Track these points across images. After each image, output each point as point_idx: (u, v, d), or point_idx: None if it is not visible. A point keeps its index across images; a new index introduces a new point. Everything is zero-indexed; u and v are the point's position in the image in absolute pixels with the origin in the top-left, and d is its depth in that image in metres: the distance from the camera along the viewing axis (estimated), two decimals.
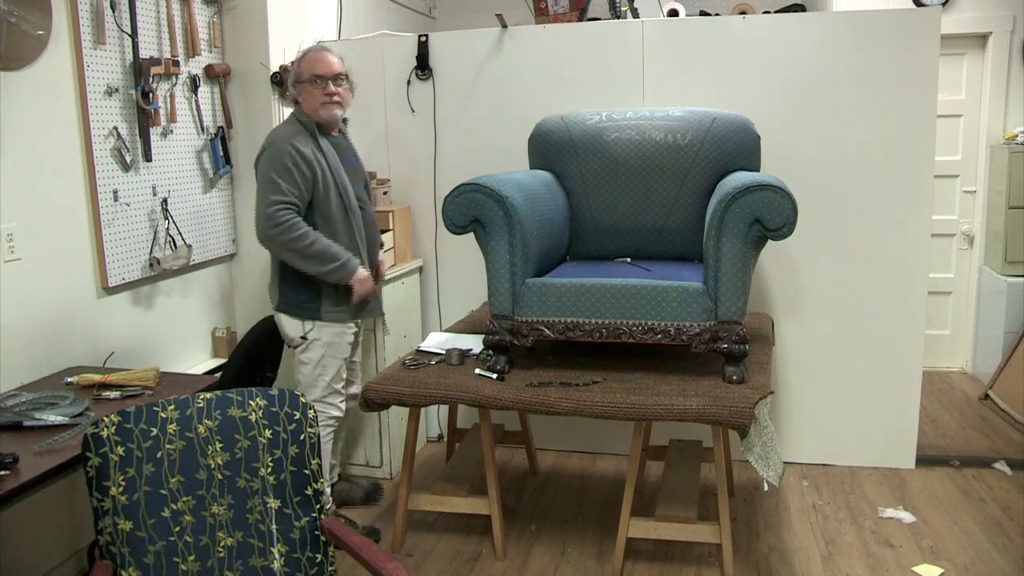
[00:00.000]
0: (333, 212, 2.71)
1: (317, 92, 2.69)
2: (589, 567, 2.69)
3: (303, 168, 2.62)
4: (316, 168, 2.65)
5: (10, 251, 2.42)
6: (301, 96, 2.73)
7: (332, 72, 2.71)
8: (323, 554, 1.84)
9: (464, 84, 3.55)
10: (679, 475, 2.84)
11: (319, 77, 2.69)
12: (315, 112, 2.70)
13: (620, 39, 3.37)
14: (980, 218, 4.56)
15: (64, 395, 2.23)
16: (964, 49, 4.45)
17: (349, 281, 2.71)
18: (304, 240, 2.61)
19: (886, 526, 2.92)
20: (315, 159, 2.65)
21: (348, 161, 2.83)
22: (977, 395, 4.26)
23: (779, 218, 2.38)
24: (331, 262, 2.66)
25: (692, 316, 2.46)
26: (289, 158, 2.60)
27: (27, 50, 2.45)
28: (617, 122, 3.03)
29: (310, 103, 2.71)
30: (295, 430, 1.86)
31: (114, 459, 1.67)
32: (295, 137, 2.65)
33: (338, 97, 2.72)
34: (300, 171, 2.61)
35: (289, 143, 2.62)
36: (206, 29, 3.26)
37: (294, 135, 2.66)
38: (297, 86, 2.74)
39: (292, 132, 2.68)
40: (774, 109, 3.23)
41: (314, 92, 2.69)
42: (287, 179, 2.59)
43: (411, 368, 2.73)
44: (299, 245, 2.61)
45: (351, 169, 2.83)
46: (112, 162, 2.80)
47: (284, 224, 2.58)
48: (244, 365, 2.77)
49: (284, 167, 2.59)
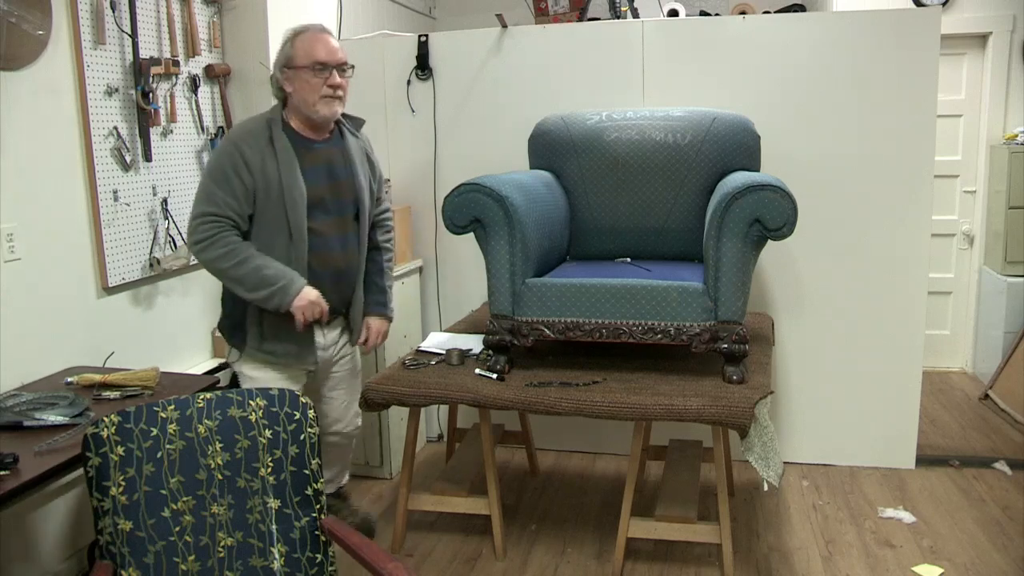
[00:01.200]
0: (269, 235, 2.31)
1: (318, 82, 2.28)
2: (589, 567, 2.69)
3: (244, 176, 2.25)
4: (259, 178, 2.27)
5: (10, 251, 2.42)
6: (293, 85, 2.30)
7: (337, 60, 2.31)
8: (323, 554, 1.84)
9: (464, 84, 3.55)
10: (679, 475, 2.84)
11: (322, 64, 2.28)
12: (311, 107, 2.31)
13: (620, 39, 3.37)
14: (980, 218, 4.56)
15: (64, 395, 2.23)
16: (964, 49, 4.45)
17: (288, 306, 2.27)
18: (229, 259, 2.24)
19: (886, 526, 2.92)
20: (262, 166, 2.27)
21: (334, 172, 2.40)
22: (977, 395, 4.26)
23: (779, 218, 2.38)
24: (264, 287, 2.25)
25: (692, 316, 2.46)
26: (230, 163, 2.25)
27: (27, 50, 2.45)
28: (617, 122, 3.03)
29: (305, 95, 2.30)
30: (295, 430, 1.86)
31: (114, 459, 1.67)
32: (247, 137, 2.29)
33: (342, 91, 2.34)
34: (240, 179, 2.25)
35: (235, 144, 2.27)
36: (206, 29, 3.26)
37: (247, 135, 2.30)
38: (287, 72, 2.30)
39: (248, 130, 2.32)
40: (774, 109, 3.23)
41: (313, 82, 2.28)
42: (223, 188, 2.25)
43: (411, 368, 2.73)
44: (223, 265, 2.25)
45: (333, 183, 2.39)
46: (112, 162, 2.80)
47: (206, 240, 2.25)
48: None
49: (223, 173, 2.26)
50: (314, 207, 2.33)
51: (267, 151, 2.27)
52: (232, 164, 2.25)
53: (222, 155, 2.28)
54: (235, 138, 2.30)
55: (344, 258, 2.45)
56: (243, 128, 2.34)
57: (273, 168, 2.27)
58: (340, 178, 2.41)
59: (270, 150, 2.28)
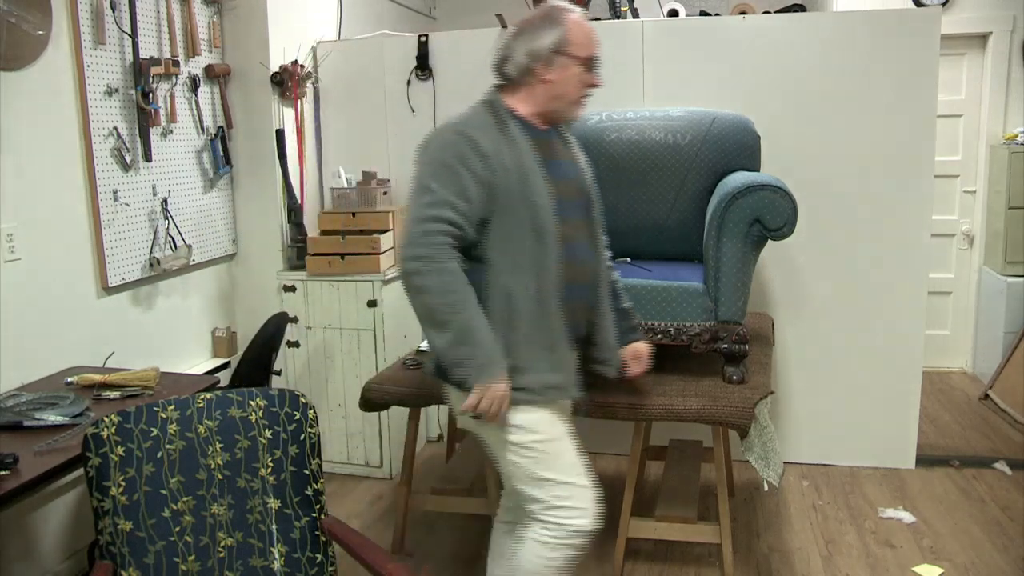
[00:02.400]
0: (519, 237, 1.83)
1: (587, 79, 1.91)
2: (589, 567, 2.69)
3: (478, 171, 1.78)
4: (499, 172, 1.81)
5: (10, 251, 2.42)
6: (556, 73, 1.86)
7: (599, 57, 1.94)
8: (323, 554, 1.84)
9: (464, 84, 3.54)
10: (679, 475, 2.84)
11: (595, 61, 1.91)
12: (568, 103, 1.92)
13: (620, 39, 3.36)
14: (980, 218, 4.56)
15: (64, 395, 2.23)
16: (964, 49, 4.45)
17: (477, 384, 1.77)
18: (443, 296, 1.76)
19: (886, 526, 2.92)
20: (499, 158, 1.81)
21: (566, 167, 1.97)
22: (977, 395, 4.26)
23: (779, 218, 2.38)
24: (463, 345, 1.76)
25: (692, 316, 2.46)
26: (459, 155, 1.79)
27: (27, 50, 2.45)
28: (617, 122, 3.03)
29: (567, 89, 1.89)
30: (295, 430, 1.86)
31: (114, 459, 1.67)
32: (476, 124, 1.85)
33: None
34: (474, 176, 1.78)
35: (462, 133, 1.82)
36: (206, 29, 3.26)
37: (474, 121, 1.87)
38: (557, 58, 1.85)
39: (471, 117, 1.88)
40: (774, 109, 3.23)
41: (583, 78, 1.90)
42: (451, 187, 1.77)
43: (411, 368, 2.73)
44: (432, 300, 1.76)
45: (563, 180, 1.93)
46: (112, 162, 2.80)
47: (425, 259, 1.75)
48: (258, 360, 2.76)
49: (450, 169, 1.78)
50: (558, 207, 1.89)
51: (501, 140, 1.84)
52: (461, 157, 1.79)
53: (447, 147, 1.82)
54: (460, 126, 1.85)
55: (594, 270, 2.02)
56: (464, 117, 1.90)
57: (512, 159, 1.83)
58: (571, 175, 1.99)
59: (503, 139, 1.84)
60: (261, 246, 3.50)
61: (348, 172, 3.56)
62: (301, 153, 3.56)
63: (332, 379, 3.40)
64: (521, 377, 1.83)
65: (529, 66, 1.87)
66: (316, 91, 3.66)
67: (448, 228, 1.76)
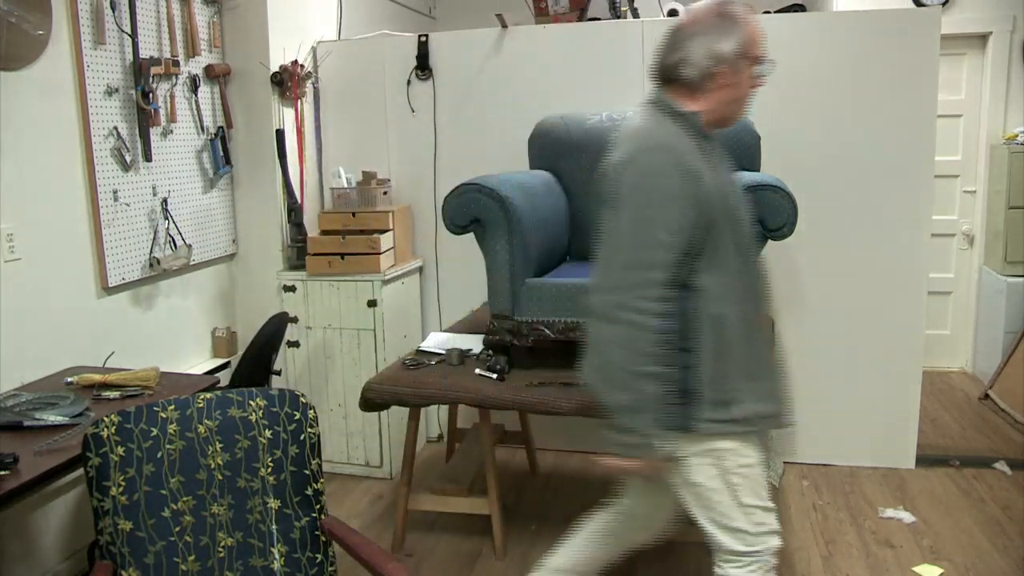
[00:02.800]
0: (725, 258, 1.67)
1: (757, 79, 1.73)
2: None
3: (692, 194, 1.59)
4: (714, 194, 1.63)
5: (10, 251, 2.42)
6: (736, 76, 1.68)
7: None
8: (323, 554, 1.84)
9: (464, 84, 3.55)
10: None
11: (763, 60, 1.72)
12: (739, 107, 1.75)
13: (620, 39, 3.36)
14: (980, 218, 4.56)
15: (64, 395, 2.23)
16: (964, 49, 4.45)
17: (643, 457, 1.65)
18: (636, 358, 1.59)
19: (886, 526, 2.92)
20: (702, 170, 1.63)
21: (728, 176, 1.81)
22: (977, 395, 4.26)
23: (779, 218, 2.37)
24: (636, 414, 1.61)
25: None
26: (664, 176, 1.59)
27: (27, 50, 2.45)
28: (617, 122, 3.03)
29: (743, 93, 1.72)
30: (295, 430, 1.86)
31: (114, 459, 1.67)
32: (671, 136, 1.65)
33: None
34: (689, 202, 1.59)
35: (667, 149, 1.62)
36: (206, 29, 3.26)
37: (671, 133, 1.66)
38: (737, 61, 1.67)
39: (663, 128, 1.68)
40: (774, 109, 3.22)
41: (756, 81, 1.73)
42: (666, 220, 1.58)
43: (411, 368, 2.73)
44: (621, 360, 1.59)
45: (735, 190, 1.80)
46: (112, 162, 2.80)
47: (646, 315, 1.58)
48: (259, 359, 2.76)
49: (658, 194, 1.59)
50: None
51: (697, 152, 1.66)
52: (670, 180, 1.59)
53: (653, 169, 1.60)
54: (659, 140, 1.65)
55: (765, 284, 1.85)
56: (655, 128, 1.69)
57: (710, 172, 1.64)
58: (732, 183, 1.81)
59: (699, 150, 1.66)
60: (261, 246, 3.50)
61: (348, 172, 3.56)
62: (301, 153, 3.56)
63: (332, 379, 3.40)
64: (729, 410, 1.69)
65: (711, 69, 1.67)
66: (316, 91, 3.66)
67: (659, 276, 1.59)
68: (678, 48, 1.69)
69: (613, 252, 1.63)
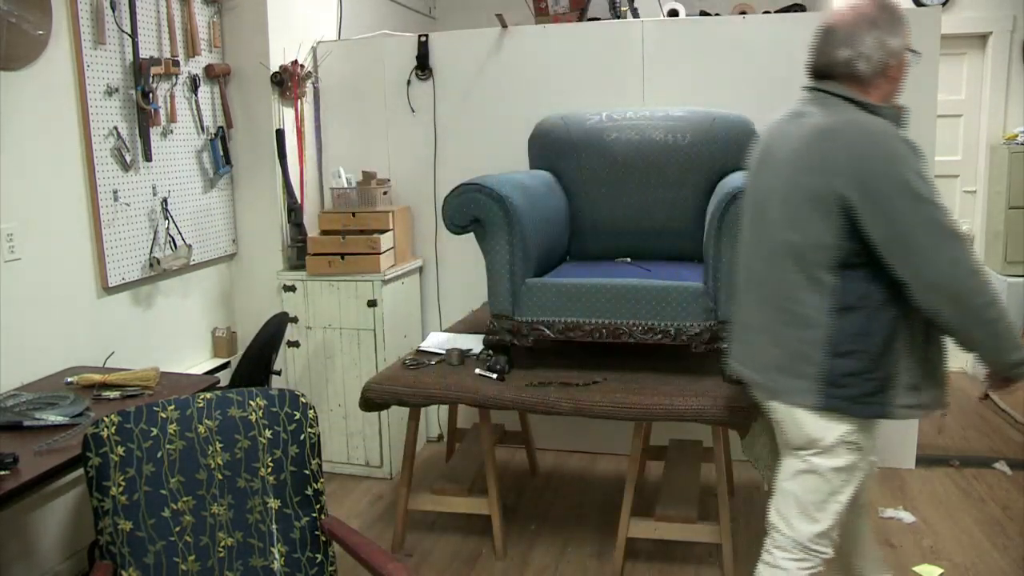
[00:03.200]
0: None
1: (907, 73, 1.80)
2: (589, 567, 2.69)
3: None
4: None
5: (10, 251, 2.42)
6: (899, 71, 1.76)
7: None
8: (323, 554, 1.84)
9: (464, 84, 3.55)
10: (679, 475, 2.84)
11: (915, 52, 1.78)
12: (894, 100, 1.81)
13: (620, 39, 3.36)
14: (980, 218, 4.56)
15: (64, 395, 2.23)
16: (964, 49, 4.45)
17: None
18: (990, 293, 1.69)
19: (886, 526, 2.91)
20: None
21: None
22: (977, 395, 4.26)
23: None
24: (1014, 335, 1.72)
25: (692, 316, 2.46)
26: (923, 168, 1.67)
27: (27, 50, 2.45)
28: (617, 122, 3.03)
29: (897, 86, 1.79)
30: (295, 430, 1.86)
31: (114, 459, 1.67)
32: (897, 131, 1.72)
33: None
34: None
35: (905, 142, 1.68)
36: (206, 29, 3.26)
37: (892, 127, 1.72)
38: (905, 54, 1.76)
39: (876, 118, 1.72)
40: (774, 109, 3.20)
41: (906, 73, 1.79)
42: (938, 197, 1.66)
43: (411, 368, 2.73)
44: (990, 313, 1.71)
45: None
46: (112, 162, 2.80)
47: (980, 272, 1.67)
48: (259, 359, 2.76)
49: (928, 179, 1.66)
50: None
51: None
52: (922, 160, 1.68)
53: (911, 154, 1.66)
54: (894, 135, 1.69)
55: None
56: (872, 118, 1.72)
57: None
58: None
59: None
60: (261, 246, 3.49)
61: (348, 172, 3.56)
62: (301, 153, 3.56)
63: (332, 379, 3.40)
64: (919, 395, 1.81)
65: (884, 62, 1.74)
66: (316, 91, 3.66)
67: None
68: (849, 43, 1.74)
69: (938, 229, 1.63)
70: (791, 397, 1.78)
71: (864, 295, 1.70)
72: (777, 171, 1.80)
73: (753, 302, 1.88)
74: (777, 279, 1.78)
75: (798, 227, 1.72)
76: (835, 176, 1.65)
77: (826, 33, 1.80)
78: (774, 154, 1.84)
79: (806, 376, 1.74)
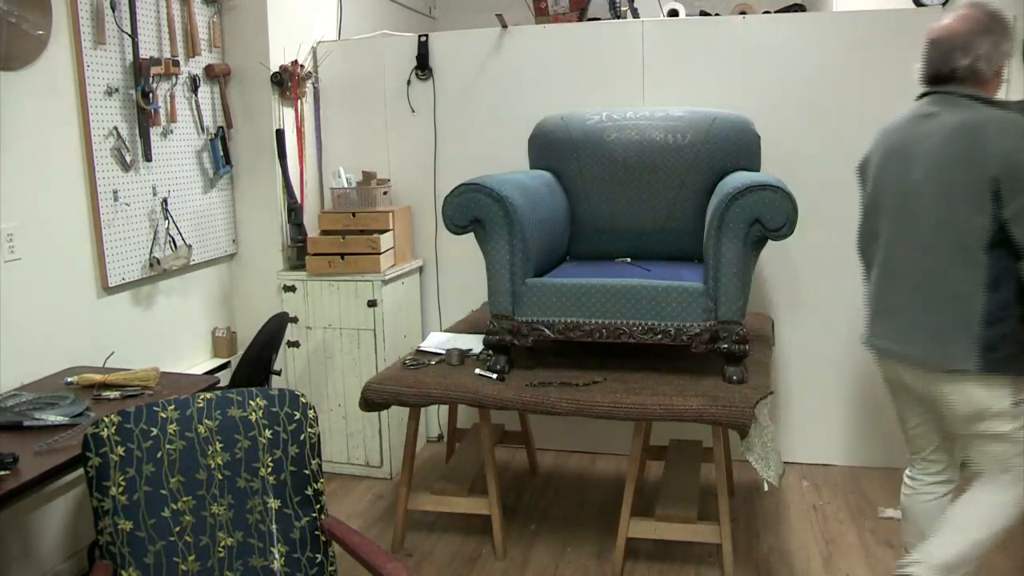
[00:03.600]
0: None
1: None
2: (589, 567, 2.69)
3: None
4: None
5: (10, 251, 2.42)
6: (1003, 71, 2.01)
7: None
8: (323, 554, 1.84)
9: (464, 84, 3.55)
10: (679, 475, 2.84)
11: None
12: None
13: (620, 39, 3.37)
14: None
15: (64, 395, 2.23)
16: None
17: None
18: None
19: (886, 526, 2.91)
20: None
21: None
22: None
23: (779, 218, 2.38)
24: None
25: (692, 316, 2.46)
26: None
27: (27, 50, 2.45)
28: (617, 122, 3.03)
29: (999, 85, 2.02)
30: (295, 430, 1.86)
31: (114, 459, 1.67)
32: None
33: None
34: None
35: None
36: (206, 29, 3.26)
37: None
38: (1006, 59, 2.00)
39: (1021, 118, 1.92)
40: (774, 109, 3.23)
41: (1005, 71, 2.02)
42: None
43: (411, 368, 2.73)
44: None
45: None
46: (112, 162, 2.80)
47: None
48: (259, 359, 2.76)
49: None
50: None
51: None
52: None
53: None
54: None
55: None
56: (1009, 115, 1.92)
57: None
58: None
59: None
60: (261, 246, 3.50)
61: (348, 172, 3.56)
62: (301, 153, 3.56)
63: (332, 379, 3.40)
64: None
65: (999, 64, 1.97)
66: (316, 91, 3.67)
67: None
68: (970, 48, 1.95)
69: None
70: (954, 363, 1.96)
71: (1006, 269, 1.90)
72: (923, 165, 1.98)
73: (905, 288, 2.05)
74: (933, 261, 1.97)
75: (955, 212, 1.92)
76: (988, 164, 1.85)
77: (943, 42, 1.99)
78: (914, 151, 2.02)
79: (967, 345, 1.93)
